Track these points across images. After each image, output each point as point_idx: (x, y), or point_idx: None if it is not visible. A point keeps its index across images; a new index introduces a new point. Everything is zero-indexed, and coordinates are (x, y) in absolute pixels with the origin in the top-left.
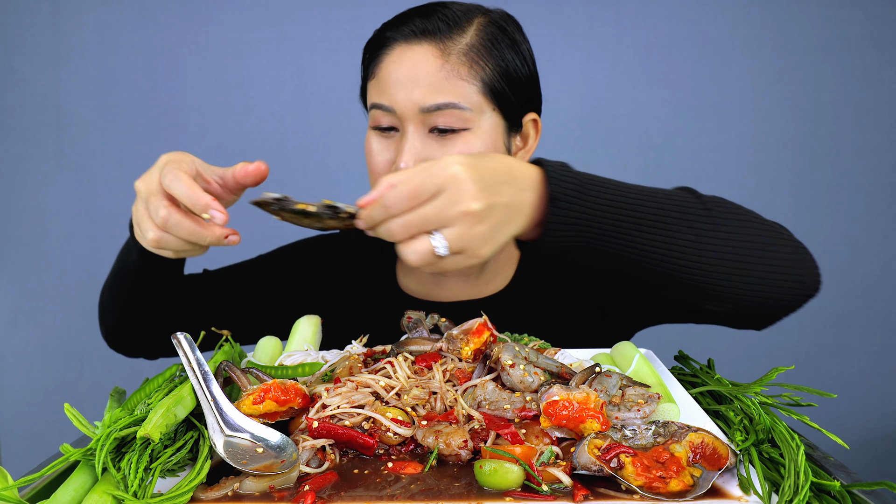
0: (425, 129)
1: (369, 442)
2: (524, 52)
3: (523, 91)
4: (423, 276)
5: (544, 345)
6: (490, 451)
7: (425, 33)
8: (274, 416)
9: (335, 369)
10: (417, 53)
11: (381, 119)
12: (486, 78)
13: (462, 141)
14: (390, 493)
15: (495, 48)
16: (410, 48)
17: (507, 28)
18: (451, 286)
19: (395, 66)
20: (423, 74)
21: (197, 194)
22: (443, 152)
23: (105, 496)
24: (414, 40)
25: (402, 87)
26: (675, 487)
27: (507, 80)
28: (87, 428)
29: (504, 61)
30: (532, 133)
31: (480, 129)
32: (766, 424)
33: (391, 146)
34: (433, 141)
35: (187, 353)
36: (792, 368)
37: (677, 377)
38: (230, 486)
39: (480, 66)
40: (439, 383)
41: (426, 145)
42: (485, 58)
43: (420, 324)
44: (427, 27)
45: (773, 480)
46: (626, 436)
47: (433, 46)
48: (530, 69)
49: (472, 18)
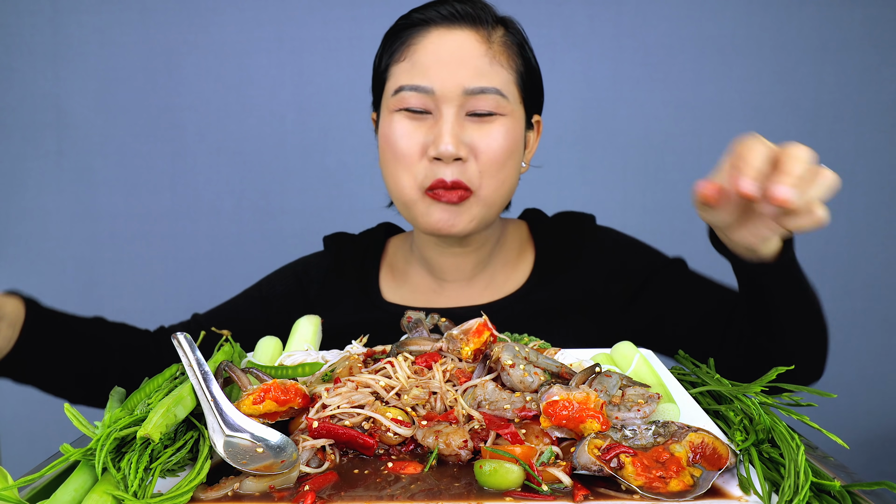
0: (463, 112)
1: (369, 442)
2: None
3: (538, 90)
4: (421, 284)
5: (544, 345)
6: (490, 451)
7: (468, 17)
8: (274, 416)
9: (335, 369)
10: (460, 36)
11: (412, 100)
12: (521, 69)
13: (498, 124)
14: (390, 493)
15: (523, 45)
16: (451, 31)
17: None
18: (448, 294)
19: (434, 47)
20: (468, 57)
21: None
22: (480, 135)
23: (105, 496)
24: (455, 24)
25: (445, 68)
26: (675, 487)
27: (530, 77)
28: (87, 428)
29: (527, 59)
30: (534, 135)
31: (513, 118)
32: (766, 424)
33: (422, 129)
34: (472, 125)
35: (187, 354)
36: (792, 368)
37: (677, 377)
38: (230, 486)
39: (514, 58)
40: (439, 383)
41: (465, 129)
42: (517, 51)
43: (420, 324)
44: (470, 12)
45: (773, 480)
46: (626, 436)
47: (476, 32)
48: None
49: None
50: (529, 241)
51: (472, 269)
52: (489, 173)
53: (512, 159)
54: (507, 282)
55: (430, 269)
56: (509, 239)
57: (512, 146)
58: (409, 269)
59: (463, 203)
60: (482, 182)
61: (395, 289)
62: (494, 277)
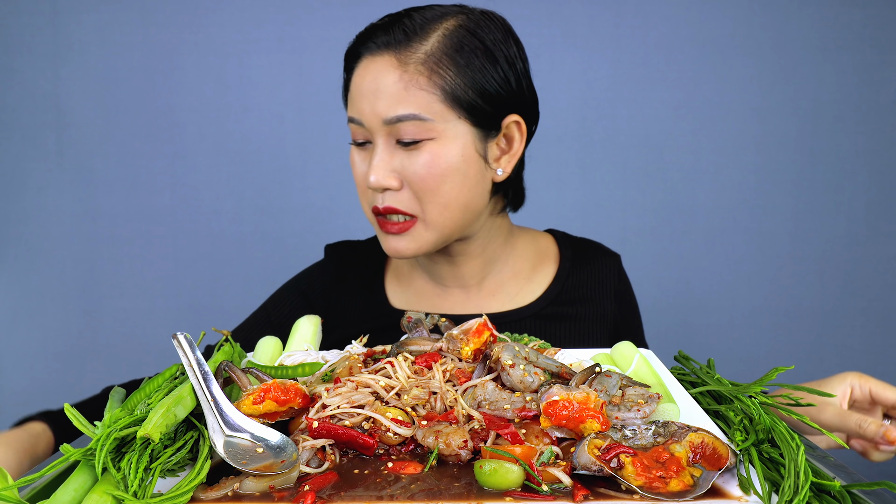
0: (392, 140)
1: (369, 442)
2: (499, 55)
3: (496, 97)
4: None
5: (544, 345)
6: (490, 451)
7: (386, 45)
8: (274, 416)
9: (335, 369)
10: (378, 65)
11: (356, 133)
12: (447, 86)
13: (427, 151)
14: (390, 493)
15: (459, 55)
16: (374, 60)
17: (478, 31)
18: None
19: (360, 79)
20: (383, 86)
21: None
22: (410, 163)
23: (105, 496)
24: (377, 52)
25: (366, 100)
26: (675, 487)
27: (473, 88)
28: (87, 428)
29: (470, 68)
30: (516, 136)
31: (446, 138)
32: (766, 424)
33: (367, 159)
34: (401, 152)
35: (187, 354)
36: (792, 368)
37: (677, 377)
38: (230, 486)
39: (440, 74)
40: (439, 383)
41: (395, 157)
42: (445, 65)
43: (420, 324)
44: (387, 39)
45: (773, 480)
46: (626, 436)
47: (392, 57)
48: (504, 72)
49: (437, 25)
50: (552, 257)
51: (471, 277)
52: (425, 199)
53: (449, 181)
54: (520, 293)
55: (430, 275)
56: (521, 248)
57: (444, 169)
58: (413, 274)
59: (409, 231)
60: (423, 207)
61: (400, 293)
62: (503, 287)
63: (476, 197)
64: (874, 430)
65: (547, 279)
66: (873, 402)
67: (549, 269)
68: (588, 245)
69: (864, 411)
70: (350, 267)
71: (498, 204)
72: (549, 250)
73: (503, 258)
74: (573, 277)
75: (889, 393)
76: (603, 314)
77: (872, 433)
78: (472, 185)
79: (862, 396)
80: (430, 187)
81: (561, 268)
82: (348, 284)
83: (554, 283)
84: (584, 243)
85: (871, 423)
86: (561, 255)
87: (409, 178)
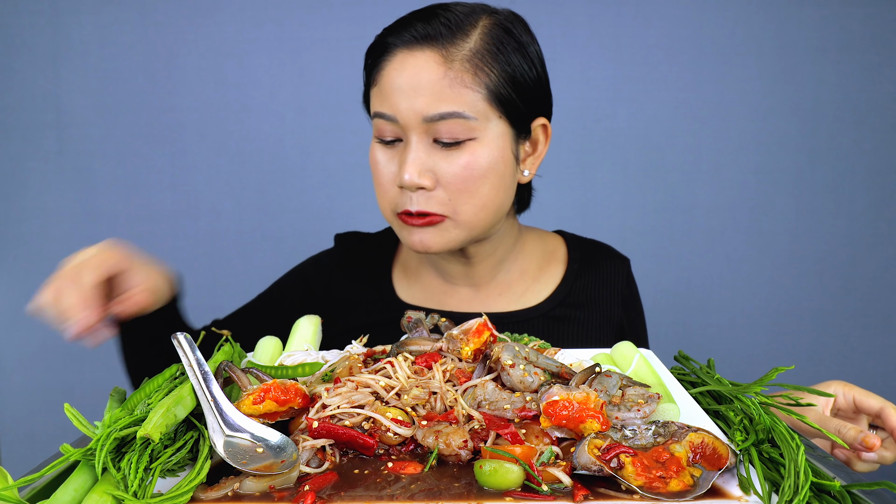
0: (429, 138)
1: (369, 442)
2: (532, 54)
3: (531, 96)
4: (432, 285)
5: (544, 345)
6: (490, 451)
7: (427, 38)
8: (274, 416)
9: (335, 369)
10: (419, 60)
11: (384, 129)
12: (491, 84)
13: (468, 151)
14: (390, 493)
15: (501, 52)
16: (412, 55)
17: (513, 30)
18: (459, 297)
19: (396, 73)
20: (426, 82)
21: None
22: (448, 163)
23: (105, 496)
24: (415, 46)
25: (404, 96)
26: (675, 487)
27: (513, 86)
28: (87, 428)
29: (510, 66)
30: (542, 138)
31: (486, 138)
32: (766, 424)
33: (395, 157)
34: (438, 151)
35: (187, 354)
36: (792, 368)
37: (677, 377)
38: (230, 486)
39: (485, 72)
40: (439, 383)
41: (430, 156)
42: (490, 63)
43: (420, 324)
44: (429, 32)
45: (773, 480)
46: (626, 436)
47: (435, 52)
48: (538, 72)
49: (476, 21)
50: (560, 258)
51: (481, 276)
52: (460, 199)
53: (487, 182)
54: (527, 293)
55: (439, 272)
56: (529, 248)
57: (484, 170)
58: (421, 270)
59: (438, 225)
60: (455, 207)
61: (407, 287)
62: (511, 286)
63: (508, 198)
64: (853, 435)
65: (555, 280)
66: (857, 411)
67: (556, 271)
68: (597, 247)
69: (849, 419)
70: (358, 257)
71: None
72: (558, 251)
73: (512, 258)
74: (581, 280)
75: (872, 401)
76: (609, 318)
77: (851, 438)
78: (506, 186)
79: (846, 405)
80: (469, 189)
81: (569, 270)
82: (355, 274)
83: (562, 285)
84: (594, 245)
85: (851, 429)
86: (569, 256)
87: (446, 178)
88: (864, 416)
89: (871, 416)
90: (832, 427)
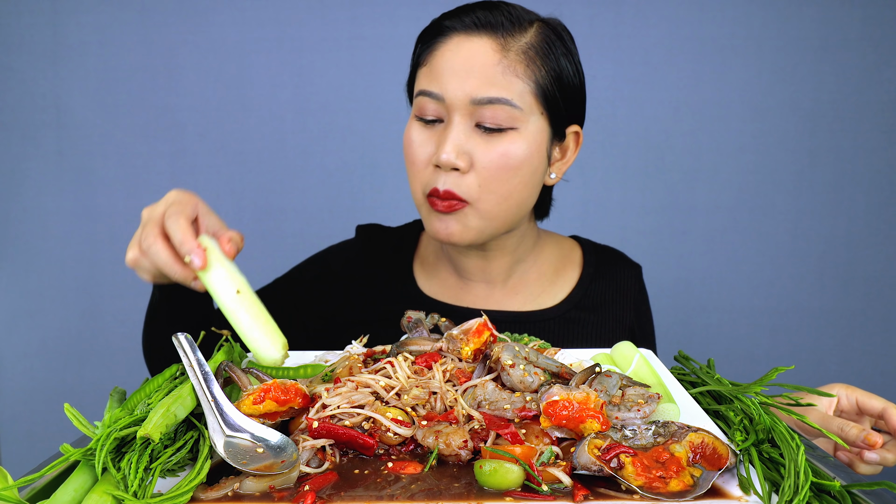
0: (472, 122)
1: (369, 442)
2: (576, 62)
3: (572, 100)
4: (449, 281)
5: (544, 345)
6: (490, 451)
7: (487, 26)
8: (274, 416)
9: (335, 369)
10: (476, 45)
11: (426, 108)
12: (540, 80)
13: (507, 140)
14: (390, 493)
15: (552, 52)
16: (469, 39)
17: (563, 36)
18: (475, 293)
19: (451, 54)
20: (480, 66)
21: (187, 239)
22: (486, 149)
23: (105, 496)
24: (474, 32)
25: (455, 76)
26: (675, 487)
27: (559, 86)
28: (87, 428)
29: (559, 67)
30: (572, 146)
31: (527, 131)
32: (766, 424)
33: (433, 138)
34: (478, 136)
35: (188, 354)
36: (792, 368)
37: (677, 377)
38: (230, 486)
39: (537, 66)
40: (439, 383)
41: (470, 139)
42: (542, 59)
43: (420, 324)
44: (490, 20)
45: (773, 480)
46: (626, 436)
47: (493, 40)
48: (580, 80)
49: (532, 20)
50: (576, 262)
51: (497, 274)
52: (489, 188)
53: (519, 174)
54: (543, 294)
55: (456, 268)
56: (547, 252)
57: (519, 161)
58: (439, 265)
59: (457, 213)
60: (481, 195)
61: (425, 281)
62: (527, 286)
63: (533, 195)
64: (855, 433)
65: (570, 283)
66: (860, 413)
67: (573, 274)
68: (612, 254)
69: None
70: (380, 249)
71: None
72: (574, 255)
73: (530, 259)
74: (596, 284)
75: (875, 402)
76: (621, 321)
77: (854, 437)
78: (535, 182)
79: (849, 406)
80: (500, 177)
81: (584, 273)
82: (377, 265)
83: (577, 288)
84: (608, 251)
85: (853, 427)
86: (585, 261)
87: (482, 163)
88: (868, 418)
89: (874, 418)
90: (834, 426)
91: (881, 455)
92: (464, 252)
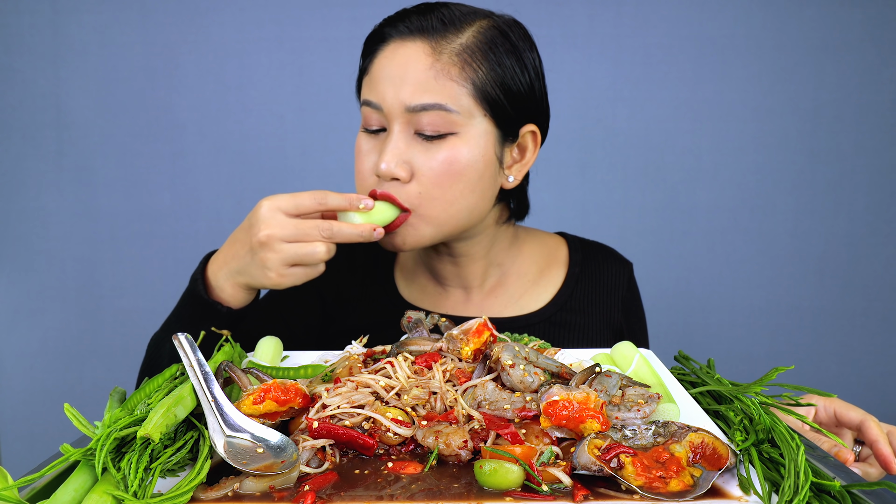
0: (411, 130)
1: (369, 442)
2: (527, 59)
3: (521, 100)
4: (427, 287)
5: (544, 345)
6: (490, 451)
7: (420, 31)
8: (274, 416)
9: (335, 369)
10: (409, 50)
11: (370, 119)
12: (478, 81)
13: (448, 146)
14: (390, 493)
15: (492, 52)
16: (404, 45)
17: (509, 33)
18: (454, 299)
19: (386, 61)
20: (412, 72)
21: (348, 196)
22: (427, 157)
23: (105, 496)
24: (408, 37)
25: (390, 84)
26: (675, 487)
27: (502, 87)
28: (87, 428)
29: (501, 66)
30: (530, 146)
31: (468, 135)
32: (766, 424)
33: (377, 147)
34: (418, 144)
35: (188, 354)
36: (792, 368)
37: (677, 377)
38: (230, 486)
39: (473, 68)
40: (439, 383)
41: (410, 147)
42: (479, 60)
43: (420, 324)
44: (423, 24)
45: (773, 480)
46: (626, 436)
47: (426, 44)
48: (531, 78)
49: (472, 21)
50: (561, 261)
51: (473, 279)
52: (431, 195)
53: (462, 180)
54: (525, 296)
55: (433, 274)
56: (527, 253)
57: (462, 167)
58: (417, 271)
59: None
60: (422, 202)
61: (405, 287)
62: (507, 290)
63: (484, 200)
64: (826, 448)
65: (555, 285)
66: (839, 424)
67: (557, 274)
68: (600, 250)
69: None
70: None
71: (503, 213)
72: (559, 254)
73: (508, 262)
74: (582, 284)
75: (853, 414)
76: (609, 323)
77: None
78: (483, 187)
79: (827, 418)
80: (443, 183)
81: (570, 274)
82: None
83: (562, 290)
84: (596, 248)
85: (825, 442)
86: (570, 259)
87: (423, 172)
88: (848, 431)
89: (852, 429)
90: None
91: (862, 469)
92: (433, 257)
